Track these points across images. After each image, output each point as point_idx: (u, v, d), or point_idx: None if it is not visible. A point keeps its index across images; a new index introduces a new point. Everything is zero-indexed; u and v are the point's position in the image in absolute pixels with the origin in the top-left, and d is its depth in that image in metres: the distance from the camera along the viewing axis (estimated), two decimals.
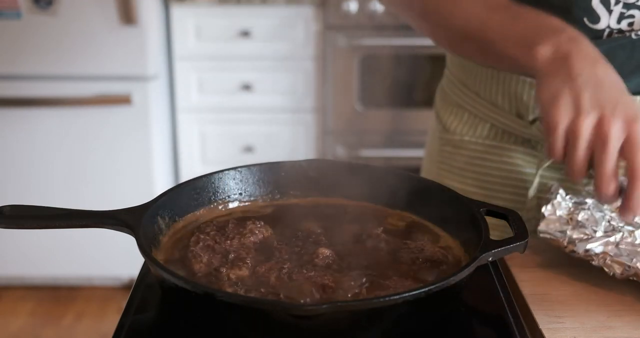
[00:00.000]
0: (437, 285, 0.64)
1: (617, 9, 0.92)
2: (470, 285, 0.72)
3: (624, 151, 0.78)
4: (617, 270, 0.80)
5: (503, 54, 0.89)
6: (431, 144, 1.18)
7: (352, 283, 0.70)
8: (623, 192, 0.78)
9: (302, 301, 0.67)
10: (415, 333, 0.67)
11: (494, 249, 0.71)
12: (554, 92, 0.80)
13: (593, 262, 0.81)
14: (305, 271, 0.71)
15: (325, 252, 0.75)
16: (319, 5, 2.64)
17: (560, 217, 0.86)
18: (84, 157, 2.61)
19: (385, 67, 2.76)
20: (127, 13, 2.44)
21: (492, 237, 0.73)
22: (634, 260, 0.79)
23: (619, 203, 0.80)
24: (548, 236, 0.85)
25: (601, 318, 0.76)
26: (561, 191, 0.88)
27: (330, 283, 0.70)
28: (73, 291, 2.79)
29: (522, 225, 0.75)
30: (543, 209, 0.87)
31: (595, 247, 0.81)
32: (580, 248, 0.82)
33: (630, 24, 0.93)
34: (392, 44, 2.66)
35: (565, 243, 0.83)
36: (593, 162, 0.79)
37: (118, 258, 2.65)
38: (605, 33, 0.94)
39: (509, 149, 1.04)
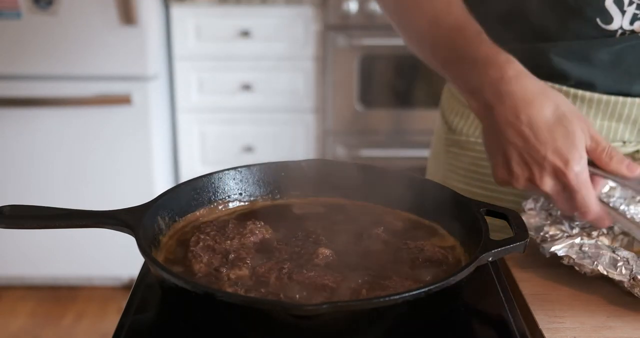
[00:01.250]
0: (437, 285, 0.64)
1: (631, 10, 0.92)
2: (470, 285, 0.72)
3: (566, 194, 0.81)
4: (587, 269, 0.80)
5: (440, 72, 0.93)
6: (436, 144, 1.18)
7: (352, 283, 0.70)
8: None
9: (302, 301, 0.67)
10: (415, 333, 0.67)
11: (494, 249, 0.71)
12: (491, 149, 0.85)
13: (563, 262, 0.81)
14: (305, 271, 0.71)
15: (325, 252, 0.75)
16: (319, 5, 2.64)
17: (540, 211, 0.88)
18: (84, 157, 2.61)
19: (385, 67, 2.76)
20: (127, 13, 2.44)
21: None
22: (595, 262, 0.79)
23: None
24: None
25: (601, 318, 0.76)
26: None
27: (330, 283, 0.70)
28: (73, 291, 2.79)
29: (522, 225, 0.75)
30: (523, 204, 0.89)
31: (559, 249, 0.82)
32: (546, 251, 0.82)
33: None
34: (392, 44, 2.65)
35: (539, 241, 0.84)
36: None
37: (118, 258, 2.65)
38: (618, 34, 0.93)
39: None
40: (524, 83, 0.82)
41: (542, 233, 0.84)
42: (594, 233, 0.85)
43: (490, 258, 0.71)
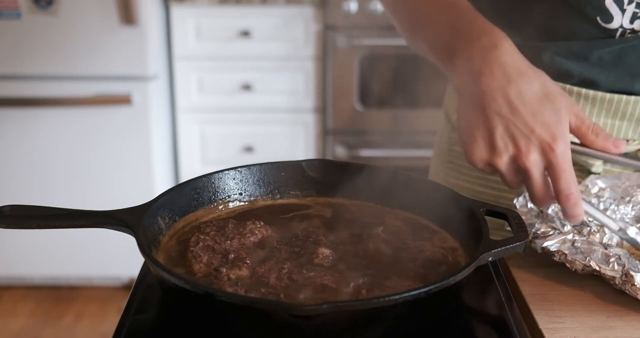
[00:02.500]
0: (437, 285, 0.64)
1: (630, 9, 0.92)
2: (470, 285, 0.72)
3: (549, 174, 0.77)
4: (578, 266, 0.80)
5: (429, 54, 0.88)
6: (440, 143, 1.18)
7: (352, 283, 0.70)
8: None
9: (301, 301, 0.67)
10: (415, 333, 0.67)
11: (494, 249, 0.71)
12: (469, 125, 0.79)
13: (555, 258, 0.81)
14: (305, 271, 0.71)
15: (325, 252, 0.75)
16: (319, 5, 2.65)
17: (531, 209, 0.87)
18: (84, 157, 2.61)
19: (385, 67, 2.76)
20: (127, 13, 2.44)
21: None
22: (588, 258, 0.79)
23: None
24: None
25: (601, 318, 0.76)
26: None
27: (330, 283, 0.70)
28: (73, 291, 2.79)
29: (522, 225, 0.75)
30: (515, 201, 0.88)
31: (552, 244, 0.81)
32: (538, 246, 0.82)
33: None
34: (392, 44, 2.65)
35: (530, 238, 0.83)
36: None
37: (118, 258, 2.65)
38: (618, 33, 0.94)
39: None
40: (515, 56, 0.80)
41: (533, 230, 0.84)
42: (585, 231, 0.85)
43: (490, 258, 0.71)
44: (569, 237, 0.82)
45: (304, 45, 2.70)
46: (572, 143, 0.80)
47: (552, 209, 0.87)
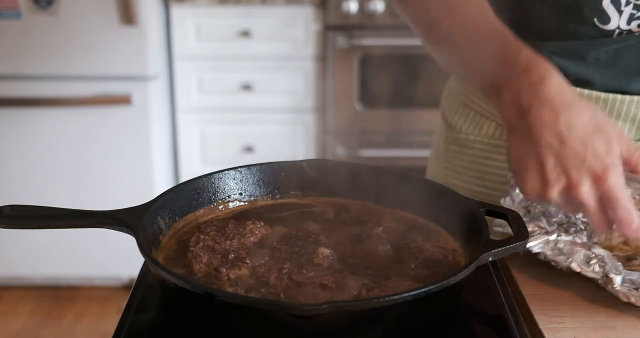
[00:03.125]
0: (437, 285, 0.64)
1: (628, 10, 0.92)
2: (470, 285, 0.72)
3: (606, 205, 0.76)
4: (563, 265, 0.80)
5: (476, 87, 0.89)
6: (437, 143, 1.18)
7: (352, 283, 0.70)
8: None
9: (302, 301, 0.67)
10: (415, 333, 0.67)
11: (494, 249, 0.71)
12: (520, 158, 0.79)
13: (540, 258, 0.81)
14: (305, 271, 0.71)
15: (325, 252, 0.75)
16: (319, 5, 2.64)
17: (519, 208, 0.87)
18: (84, 157, 2.61)
19: (385, 67, 2.76)
20: (127, 13, 2.44)
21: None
22: (570, 259, 0.79)
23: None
24: (501, 229, 0.85)
25: (601, 318, 0.76)
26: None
27: (330, 284, 0.70)
28: (73, 291, 2.79)
29: (522, 225, 0.75)
30: (502, 201, 0.88)
31: (535, 246, 0.81)
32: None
33: None
34: (392, 44, 2.66)
35: None
36: None
37: (118, 258, 2.65)
38: (615, 34, 0.94)
39: None
40: (564, 88, 0.80)
41: None
42: (572, 229, 0.85)
43: (490, 258, 0.71)
44: (552, 237, 0.82)
45: (304, 45, 2.70)
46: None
47: (539, 209, 0.86)
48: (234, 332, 0.66)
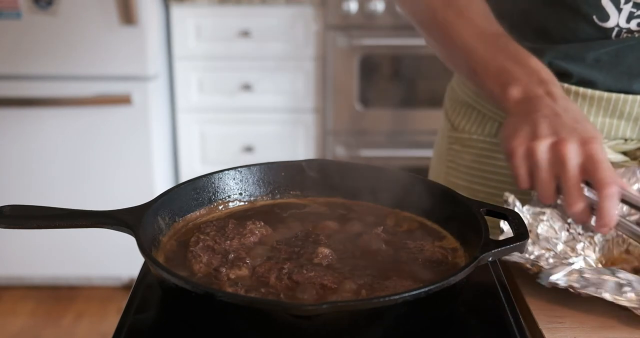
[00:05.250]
0: (437, 285, 0.64)
1: (627, 8, 0.92)
2: (470, 285, 0.72)
3: (586, 169, 0.78)
4: (592, 295, 0.75)
5: (482, 85, 0.91)
6: (440, 143, 1.19)
7: (352, 283, 0.70)
8: (595, 210, 0.79)
9: (301, 301, 0.67)
10: (415, 333, 0.67)
11: (494, 249, 0.71)
12: (514, 127, 0.83)
13: (570, 290, 0.76)
14: (305, 271, 0.71)
15: (325, 251, 0.75)
16: (319, 5, 2.64)
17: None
18: (84, 157, 2.61)
19: (385, 67, 2.76)
20: (127, 13, 2.44)
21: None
22: (599, 290, 0.74)
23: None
24: (509, 258, 0.80)
25: (601, 318, 0.76)
26: (518, 203, 0.87)
27: (330, 284, 0.70)
28: (73, 291, 2.79)
29: (522, 225, 0.75)
30: (502, 224, 0.83)
31: (559, 278, 0.75)
32: (544, 280, 0.76)
33: None
34: (392, 44, 2.66)
35: (529, 266, 0.79)
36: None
37: (118, 258, 2.65)
38: (614, 32, 0.94)
39: None
40: (557, 84, 0.87)
41: (529, 257, 0.80)
42: (578, 247, 0.84)
43: (490, 258, 0.71)
44: (575, 267, 0.77)
45: (304, 45, 2.70)
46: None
47: (542, 228, 0.85)
48: (234, 332, 0.66)
